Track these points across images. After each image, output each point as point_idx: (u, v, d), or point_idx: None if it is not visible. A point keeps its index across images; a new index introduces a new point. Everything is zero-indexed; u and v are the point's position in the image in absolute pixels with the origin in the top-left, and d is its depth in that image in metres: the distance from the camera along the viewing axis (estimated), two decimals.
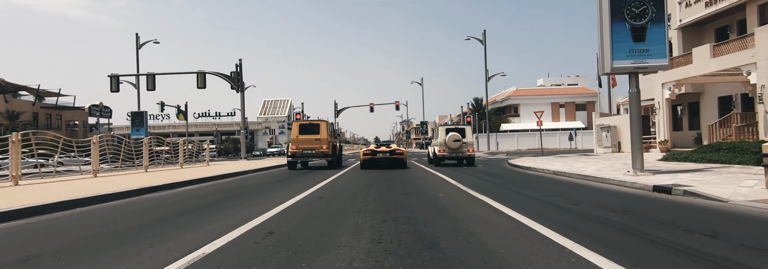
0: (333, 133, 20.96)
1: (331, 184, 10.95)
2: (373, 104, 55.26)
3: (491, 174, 13.44)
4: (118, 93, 50.91)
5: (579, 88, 64.33)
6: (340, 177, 13.11)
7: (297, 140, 18.57)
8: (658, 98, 21.19)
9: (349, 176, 13.75)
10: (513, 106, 62.50)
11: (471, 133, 20.21)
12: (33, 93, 52.21)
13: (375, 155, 18.90)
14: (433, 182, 11.12)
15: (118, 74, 28.92)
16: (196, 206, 7.60)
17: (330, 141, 19.03)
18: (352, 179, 12.50)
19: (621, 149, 23.72)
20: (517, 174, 13.41)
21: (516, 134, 53.14)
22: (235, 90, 29.60)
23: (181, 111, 50.90)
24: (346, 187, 9.98)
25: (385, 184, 10.55)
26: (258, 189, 10.22)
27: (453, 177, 12.25)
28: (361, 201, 7.31)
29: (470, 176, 12.58)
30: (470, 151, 19.24)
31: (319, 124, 18.94)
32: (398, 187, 9.77)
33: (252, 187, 10.81)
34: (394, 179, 12.04)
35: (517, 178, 11.99)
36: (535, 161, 18.95)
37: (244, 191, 9.81)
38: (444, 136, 19.03)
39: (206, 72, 29.24)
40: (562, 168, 13.42)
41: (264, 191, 9.80)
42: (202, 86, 29.18)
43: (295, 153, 18.58)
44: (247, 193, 9.47)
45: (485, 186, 9.70)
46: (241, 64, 29.68)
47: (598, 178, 10.13)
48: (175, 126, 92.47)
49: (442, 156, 19.13)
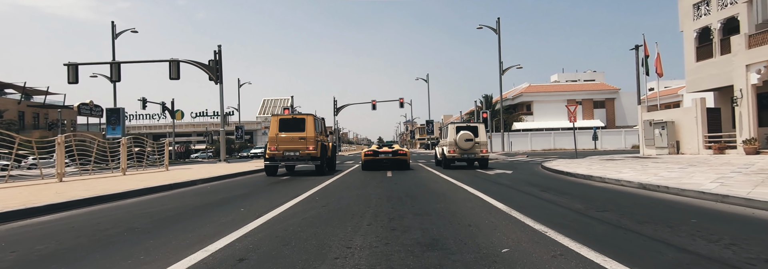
0: (323, 130, 17.08)
1: (300, 207, 6.82)
2: (375, 101, 51.15)
3: (542, 187, 9.28)
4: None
5: (597, 84, 60.00)
6: (322, 191, 9.02)
7: (276, 139, 14.66)
8: (740, 83, 16.91)
9: (336, 188, 9.63)
10: (525, 103, 58.24)
11: (485, 132, 17.07)
12: (19, 91, 49.98)
13: (377, 155, 17.15)
14: (463, 205, 6.95)
15: (76, 63, 24.88)
16: None
17: (318, 140, 15.10)
18: (338, 195, 8.38)
19: (680, 149, 19.39)
20: (580, 187, 9.24)
21: (529, 133, 48.84)
22: (213, 81, 25.53)
23: (167, 108, 46.89)
24: (318, 218, 5.81)
25: (386, 209, 6.41)
26: (172, 219, 6.07)
27: (485, 191, 8.11)
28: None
29: (514, 191, 8.42)
30: (483, 152, 16.70)
31: (304, 119, 14.94)
32: (408, 219, 5.59)
33: (169, 213, 6.65)
34: (400, 198, 7.89)
35: (592, 195, 7.82)
36: (584, 166, 14.73)
37: (128, 229, 5.66)
38: (454, 135, 16.59)
39: (180, 60, 25.22)
40: (645, 178, 9.22)
41: (177, 223, 5.66)
42: (176, 77, 25.20)
43: (274, 156, 14.67)
44: (130, 232, 5.32)
45: (567, 217, 5.53)
46: (220, 51, 25.61)
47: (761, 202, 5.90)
48: (171, 126, 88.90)
49: (451, 158, 16.74)
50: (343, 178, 12.87)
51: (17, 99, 49.17)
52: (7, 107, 46.40)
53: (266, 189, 9.71)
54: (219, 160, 27.59)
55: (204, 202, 7.70)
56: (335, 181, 11.75)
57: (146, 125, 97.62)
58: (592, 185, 9.46)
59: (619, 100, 56.13)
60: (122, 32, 33.42)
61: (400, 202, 7.15)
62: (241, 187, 10.50)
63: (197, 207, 7.13)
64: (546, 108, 56.11)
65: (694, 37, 21.47)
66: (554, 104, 56.10)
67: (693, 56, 21.61)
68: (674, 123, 19.72)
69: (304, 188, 9.70)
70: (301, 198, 7.85)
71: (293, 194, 8.48)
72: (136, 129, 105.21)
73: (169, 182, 10.85)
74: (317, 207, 6.72)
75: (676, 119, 19.75)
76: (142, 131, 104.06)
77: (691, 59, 21.68)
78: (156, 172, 16.67)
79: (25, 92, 50.10)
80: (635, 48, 39.98)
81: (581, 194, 7.96)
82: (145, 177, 13.62)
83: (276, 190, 9.57)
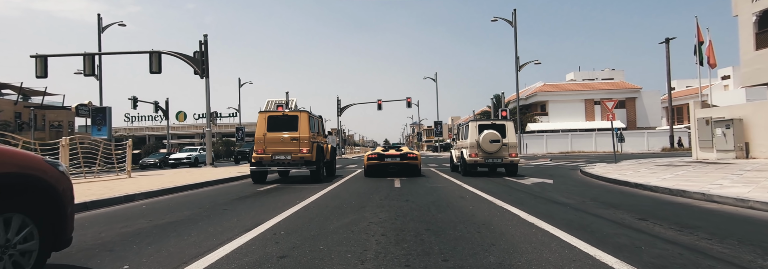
0: (320, 130, 14.51)
1: (240, 259, 3.84)
2: (381, 101, 48.26)
3: (628, 209, 6.25)
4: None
5: (616, 82, 56.66)
6: (299, 216, 6.04)
7: (264, 140, 12.38)
8: None
9: (322, 210, 6.65)
10: (539, 103, 54.99)
11: (514, 131, 14.21)
12: (16, 91, 48.00)
13: (382, 160, 14.18)
14: (533, 253, 3.94)
15: (45, 54, 22.12)
16: None
17: (314, 141, 12.81)
18: (318, 227, 5.39)
19: (749, 153, 16.01)
20: (689, 211, 6.22)
21: (544, 135, 45.56)
22: (198, 75, 22.68)
23: (160, 108, 44.15)
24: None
25: (395, 265, 3.41)
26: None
27: (548, 218, 5.13)
28: None
29: (598, 220, 5.40)
30: (513, 156, 13.81)
31: (296, 116, 12.52)
32: None
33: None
34: (418, 233, 4.91)
35: (736, 230, 4.80)
36: (647, 173, 11.65)
37: None
38: (476, 135, 13.72)
39: (161, 52, 22.42)
40: None
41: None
42: (157, 70, 22.44)
43: (262, 160, 12.40)
44: None
45: None
46: (207, 42, 22.76)
47: None
48: (173, 128, 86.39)
49: (473, 163, 13.74)
50: (339, 189, 9.88)
51: (14, 100, 47.21)
52: (3, 107, 44.53)
53: (219, 212, 6.73)
54: (205, 164, 24.66)
55: (80, 245, 4.67)
56: (325, 195, 8.77)
57: (148, 126, 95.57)
58: (703, 208, 6.39)
59: (641, 99, 52.74)
60: (109, 25, 30.77)
61: (419, 243, 4.17)
62: (189, 206, 7.52)
63: (62, 254, 4.14)
64: (562, 108, 52.85)
65: (752, 22, 18.35)
66: (570, 104, 52.87)
67: (751, 44, 18.46)
68: (742, 121, 16.47)
69: (275, 210, 6.73)
70: (256, 235, 4.85)
71: (251, 224, 5.49)
72: (138, 131, 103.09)
73: (91, 199, 7.88)
74: (271, 260, 3.73)
75: (745, 116, 16.49)
76: (143, 132, 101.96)
77: (749, 48, 18.53)
78: (108, 180, 13.72)
79: (23, 92, 48.01)
80: (665, 41, 36.70)
81: (715, 227, 4.91)
82: (77, 188, 10.68)
83: (231, 214, 6.59)
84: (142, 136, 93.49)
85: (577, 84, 57.53)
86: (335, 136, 56.76)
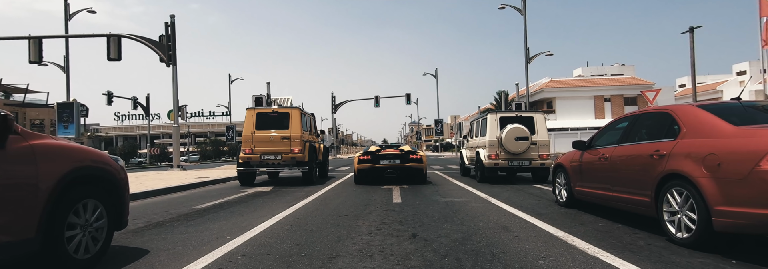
0: (313, 128, 13.43)
1: None
2: (378, 97, 45.27)
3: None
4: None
5: (627, 78, 53.70)
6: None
7: (253, 139, 11.46)
8: None
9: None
10: (546, 100, 52.10)
11: (545, 125, 11.23)
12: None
13: (377, 162, 11.01)
14: None
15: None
16: None
17: (306, 141, 11.88)
18: None
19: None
20: None
21: (552, 133, 42.50)
22: (164, 63, 19.57)
23: (139, 104, 41.06)
24: None
25: None
26: None
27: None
28: None
29: None
30: (544, 157, 11.00)
31: (288, 113, 11.56)
32: None
33: None
34: None
35: None
36: None
37: None
38: (497, 131, 11.00)
39: (121, 35, 19.35)
40: None
41: None
42: (116, 57, 19.49)
43: (250, 160, 11.51)
44: None
45: None
46: (173, 24, 19.65)
47: None
48: (166, 127, 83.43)
49: (492, 166, 10.95)
50: (317, 203, 6.75)
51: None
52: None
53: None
54: (172, 166, 21.51)
55: None
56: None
57: (140, 125, 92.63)
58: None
59: None
60: (77, 12, 27.59)
61: None
62: None
63: None
64: (570, 105, 49.95)
65: None
66: (579, 101, 49.98)
67: None
68: None
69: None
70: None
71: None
72: (130, 130, 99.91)
73: None
74: None
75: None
76: (135, 132, 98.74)
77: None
78: None
79: (4, 89, 45.11)
80: (690, 30, 33.61)
81: None
82: None
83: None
84: (133, 135, 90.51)
85: (585, 80, 54.63)
86: (330, 134, 53.75)
